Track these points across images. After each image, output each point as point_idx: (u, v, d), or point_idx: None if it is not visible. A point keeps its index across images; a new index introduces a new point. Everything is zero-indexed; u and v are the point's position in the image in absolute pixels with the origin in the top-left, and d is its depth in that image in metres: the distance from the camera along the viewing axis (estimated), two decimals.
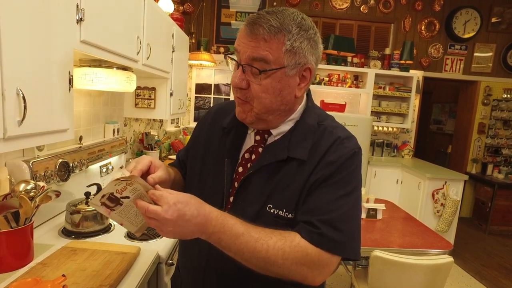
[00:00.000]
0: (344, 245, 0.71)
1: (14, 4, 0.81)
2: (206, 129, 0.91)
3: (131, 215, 0.71)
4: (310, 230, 0.70)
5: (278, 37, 0.68)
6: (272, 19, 0.68)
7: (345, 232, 0.71)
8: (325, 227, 0.69)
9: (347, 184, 0.74)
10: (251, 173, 0.77)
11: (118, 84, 1.58)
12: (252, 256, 0.67)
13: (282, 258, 0.67)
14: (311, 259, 0.69)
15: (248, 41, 0.70)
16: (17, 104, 0.83)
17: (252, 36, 0.69)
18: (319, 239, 0.69)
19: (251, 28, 0.69)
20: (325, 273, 0.72)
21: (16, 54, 0.83)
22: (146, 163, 0.73)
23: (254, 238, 0.67)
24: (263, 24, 0.68)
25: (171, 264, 1.31)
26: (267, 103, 0.73)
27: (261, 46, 0.69)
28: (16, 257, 1.03)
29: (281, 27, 0.68)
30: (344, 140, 0.76)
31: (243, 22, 0.73)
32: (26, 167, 1.22)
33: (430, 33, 4.43)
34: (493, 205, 4.30)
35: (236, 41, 0.73)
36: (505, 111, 4.58)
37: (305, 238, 0.70)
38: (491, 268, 3.40)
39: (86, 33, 1.13)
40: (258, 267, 0.69)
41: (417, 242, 1.91)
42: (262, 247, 0.66)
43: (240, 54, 0.72)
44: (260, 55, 0.69)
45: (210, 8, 4.26)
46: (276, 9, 0.71)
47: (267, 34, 0.68)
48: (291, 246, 0.68)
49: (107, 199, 0.68)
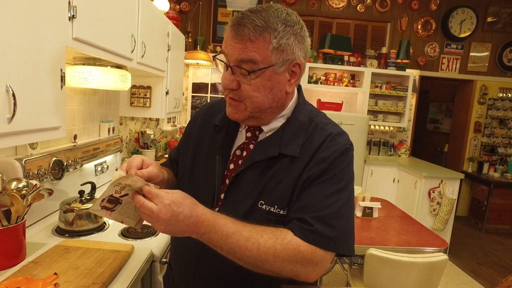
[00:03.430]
0: (337, 241, 0.71)
1: (3, 0, 0.80)
2: (197, 127, 0.91)
3: (130, 211, 0.71)
4: (303, 227, 0.70)
5: (264, 36, 0.68)
6: (256, 18, 0.67)
7: (338, 228, 0.71)
8: (318, 223, 0.69)
9: (340, 181, 0.74)
10: (243, 170, 0.76)
11: (113, 82, 1.57)
12: (243, 254, 0.67)
13: (273, 256, 0.67)
14: (303, 256, 0.68)
15: (234, 43, 0.69)
16: (7, 101, 0.82)
17: (238, 37, 0.68)
18: (312, 236, 0.69)
19: (236, 30, 0.68)
20: (319, 270, 0.71)
21: (5, 50, 0.82)
22: (138, 161, 0.74)
23: (244, 237, 0.67)
24: (247, 24, 0.67)
25: (165, 263, 1.30)
26: (259, 101, 0.73)
27: (248, 47, 0.68)
28: (8, 256, 1.03)
29: (266, 26, 0.67)
30: (335, 136, 0.76)
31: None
32: (19, 165, 1.21)
33: (427, 32, 4.44)
34: (489, 204, 4.32)
35: (223, 43, 0.73)
36: (501, 110, 4.60)
37: (298, 235, 0.69)
38: (487, 267, 3.41)
39: (79, 31, 1.13)
40: (250, 265, 0.69)
41: (413, 240, 1.91)
42: (253, 246, 0.66)
43: (228, 56, 0.72)
44: (248, 56, 0.68)
45: (207, 7, 4.25)
46: (260, 7, 0.70)
47: (252, 35, 0.67)
48: (282, 244, 0.68)
49: (107, 201, 0.68)
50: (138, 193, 0.66)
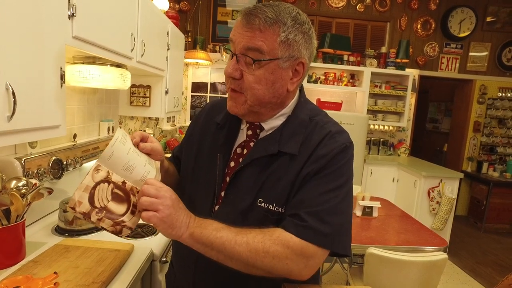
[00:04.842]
0: (331, 238, 0.70)
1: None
2: (200, 126, 0.91)
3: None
4: (296, 223, 0.70)
5: (274, 28, 0.69)
6: (268, 11, 0.69)
7: (333, 225, 0.70)
8: (312, 219, 0.69)
9: (338, 178, 0.73)
10: (242, 167, 0.76)
11: (112, 81, 1.57)
12: (234, 251, 0.67)
13: (263, 251, 0.67)
14: (293, 251, 0.68)
15: (243, 31, 0.70)
16: (6, 99, 0.82)
17: (248, 26, 0.70)
18: (305, 232, 0.69)
19: (247, 19, 0.70)
20: (311, 267, 0.71)
21: (5, 48, 0.81)
22: (144, 135, 0.77)
23: (233, 231, 0.68)
24: (259, 15, 0.69)
25: (165, 262, 1.30)
26: (260, 94, 0.73)
27: (256, 36, 0.69)
28: (7, 255, 1.02)
29: (277, 19, 0.69)
30: (335, 135, 0.76)
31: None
32: (18, 164, 1.21)
33: (426, 32, 4.45)
34: (488, 203, 4.33)
35: (232, 32, 0.74)
36: (500, 109, 4.61)
37: (290, 231, 0.69)
38: (486, 266, 3.42)
39: (78, 29, 1.12)
40: (242, 264, 0.68)
41: (412, 239, 1.91)
42: (242, 240, 0.67)
43: (235, 44, 0.73)
44: (255, 45, 0.69)
45: (206, 6, 4.25)
46: (272, 3, 0.72)
47: (262, 25, 0.69)
48: (271, 239, 0.68)
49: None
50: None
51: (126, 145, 0.70)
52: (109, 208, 0.68)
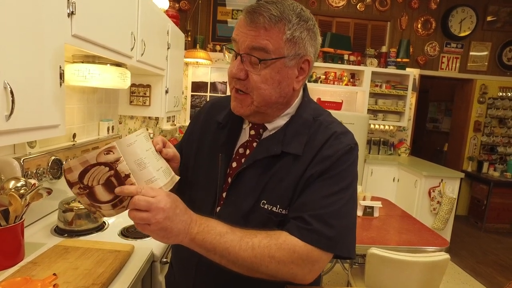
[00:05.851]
0: (336, 241, 0.69)
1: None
2: (200, 124, 0.89)
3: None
4: (300, 226, 0.68)
5: (279, 26, 0.67)
6: (272, 8, 0.67)
7: (337, 228, 0.69)
8: (316, 222, 0.68)
9: (342, 180, 0.72)
10: (245, 168, 0.75)
11: (112, 80, 1.56)
12: (238, 256, 0.65)
13: (268, 256, 0.65)
14: (299, 256, 0.67)
15: (247, 30, 0.68)
16: (5, 98, 0.80)
17: (252, 25, 0.68)
18: (309, 235, 0.67)
19: (251, 17, 0.68)
20: (316, 271, 0.70)
21: (3, 47, 0.80)
22: (164, 140, 0.76)
23: (238, 236, 0.66)
24: (263, 12, 0.67)
25: (165, 263, 1.29)
26: (267, 94, 0.71)
27: (261, 35, 0.67)
28: (6, 256, 1.01)
29: (281, 16, 0.67)
30: (340, 135, 0.75)
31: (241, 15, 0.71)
32: (17, 164, 1.19)
33: (427, 31, 4.44)
34: (488, 203, 4.32)
35: (235, 31, 0.72)
36: (500, 109, 4.60)
37: (294, 235, 0.68)
38: (487, 265, 3.41)
39: (78, 27, 1.11)
40: (245, 269, 0.67)
41: (414, 239, 1.90)
42: (247, 245, 0.65)
43: (238, 44, 0.70)
44: (260, 44, 0.67)
45: (206, 5, 4.23)
46: (275, 0, 0.70)
47: (267, 23, 0.67)
48: (277, 244, 0.66)
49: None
50: None
51: (148, 143, 0.69)
52: (94, 190, 0.65)
